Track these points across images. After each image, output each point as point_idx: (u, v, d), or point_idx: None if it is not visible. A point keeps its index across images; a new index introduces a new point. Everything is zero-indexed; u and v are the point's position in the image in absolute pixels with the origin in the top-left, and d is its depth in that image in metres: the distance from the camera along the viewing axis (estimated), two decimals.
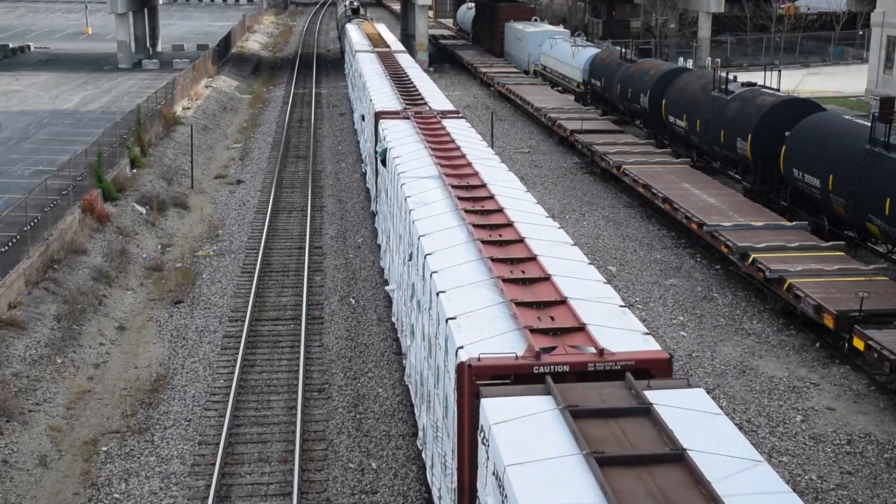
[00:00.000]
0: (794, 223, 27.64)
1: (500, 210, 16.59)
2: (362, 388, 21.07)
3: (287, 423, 19.41)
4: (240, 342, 22.87)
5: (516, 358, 10.76)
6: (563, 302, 12.21)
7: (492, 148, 24.59)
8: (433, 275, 13.58)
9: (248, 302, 25.42)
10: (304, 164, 42.10)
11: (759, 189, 31.36)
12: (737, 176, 34.56)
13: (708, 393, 10.38)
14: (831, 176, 26.09)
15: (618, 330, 11.58)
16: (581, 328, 11.45)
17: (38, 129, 43.01)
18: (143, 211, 32.86)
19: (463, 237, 15.19)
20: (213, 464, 17.65)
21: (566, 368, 10.65)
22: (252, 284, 26.76)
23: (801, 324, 23.54)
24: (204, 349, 23.05)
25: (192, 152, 40.21)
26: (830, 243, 25.68)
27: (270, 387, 21.07)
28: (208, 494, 16.71)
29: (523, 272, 13.41)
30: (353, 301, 26.14)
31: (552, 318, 11.82)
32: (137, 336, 23.96)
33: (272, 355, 22.70)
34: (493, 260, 13.82)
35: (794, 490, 16.91)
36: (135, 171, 37.03)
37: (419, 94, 31.36)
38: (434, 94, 32.12)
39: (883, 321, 20.62)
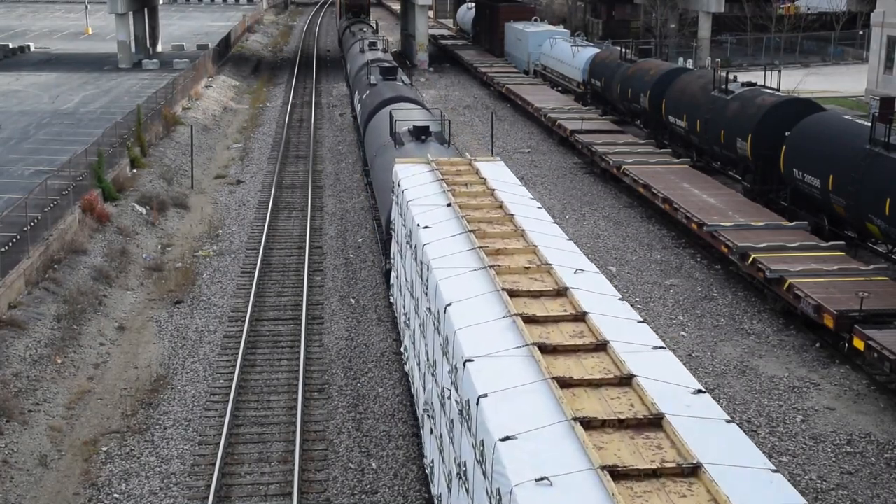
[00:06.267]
0: (794, 223, 27.63)
1: None
2: (362, 388, 21.07)
3: (287, 423, 19.42)
4: (240, 342, 22.88)
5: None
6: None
7: (492, 148, 24.71)
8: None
9: (249, 302, 25.43)
10: (304, 164, 42.09)
11: (759, 189, 31.36)
12: (737, 176, 34.55)
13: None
14: (831, 176, 26.10)
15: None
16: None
17: (38, 129, 43.00)
18: (144, 211, 32.85)
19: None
20: (214, 464, 17.66)
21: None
22: (252, 284, 26.76)
23: (802, 324, 23.54)
24: (204, 349, 23.06)
25: (192, 152, 40.22)
26: (830, 243, 25.68)
27: (270, 387, 21.08)
28: (208, 494, 16.73)
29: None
30: (353, 301, 26.14)
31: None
32: (137, 336, 23.97)
33: (272, 355, 22.70)
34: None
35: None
36: (135, 171, 37.03)
37: None
38: None
39: (883, 321, 20.62)
